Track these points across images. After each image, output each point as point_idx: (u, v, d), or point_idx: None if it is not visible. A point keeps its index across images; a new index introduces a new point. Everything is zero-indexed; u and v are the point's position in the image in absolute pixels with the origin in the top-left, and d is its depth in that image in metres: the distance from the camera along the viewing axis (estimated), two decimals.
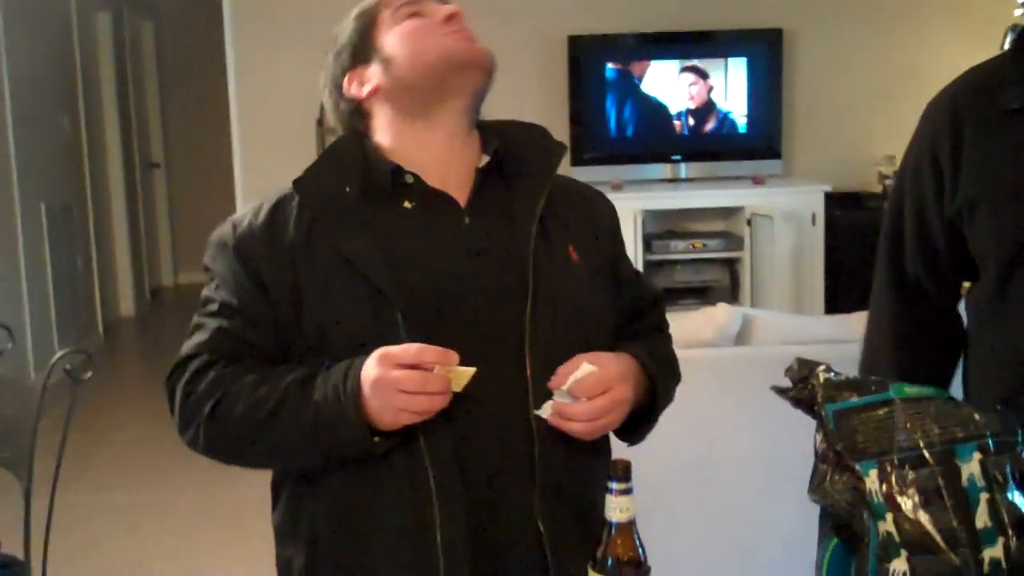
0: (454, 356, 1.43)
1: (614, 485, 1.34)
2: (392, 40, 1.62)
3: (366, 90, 1.63)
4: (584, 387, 1.49)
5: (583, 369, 1.49)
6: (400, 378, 1.41)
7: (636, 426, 1.64)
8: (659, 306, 1.82)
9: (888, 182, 5.90)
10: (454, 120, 1.62)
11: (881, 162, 5.97)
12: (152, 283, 9.20)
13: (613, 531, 1.36)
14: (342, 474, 1.53)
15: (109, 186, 8.18)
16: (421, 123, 1.62)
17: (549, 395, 1.52)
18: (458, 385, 1.44)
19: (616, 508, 1.35)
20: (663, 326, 1.82)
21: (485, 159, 1.64)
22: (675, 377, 1.75)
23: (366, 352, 1.46)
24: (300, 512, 1.59)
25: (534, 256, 1.55)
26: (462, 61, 1.61)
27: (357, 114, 1.67)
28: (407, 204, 1.59)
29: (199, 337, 1.58)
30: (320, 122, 5.91)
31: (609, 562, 1.36)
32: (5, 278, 6.00)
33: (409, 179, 1.58)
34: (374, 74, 1.63)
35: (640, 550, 1.36)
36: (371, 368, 1.43)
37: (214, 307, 1.59)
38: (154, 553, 4.23)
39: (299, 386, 1.49)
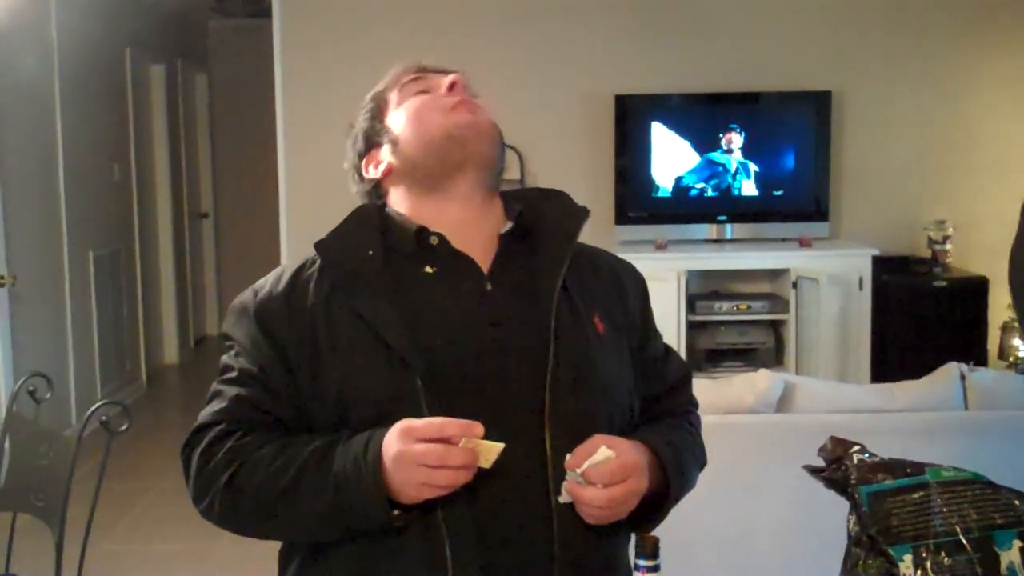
0: (478, 428, 1.40)
1: (642, 563, 1.32)
2: (398, 120, 1.67)
3: (380, 171, 1.68)
4: (602, 474, 1.45)
5: (601, 453, 1.45)
6: (423, 452, 1.38)
7: (645, 515, 1.59)
8: (687, 385, 1.79)
9: (937, 247, 5.84)
10: (468, 189, 1.62)
11: (930, 226, 5.90)
12: (197, 332, 9.26)
13: None
14: (357, 545, 1.50)
15: (157, 234, 8.27)
16: (436, 195, 1.62)
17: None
18: (487, 461, 1.41)
19: None
20: (691, 405, 1.79)
21: (508, 225, 1.63)
22: (698, 463, 1.71)
23: (386, 419, 1.44)
24: None
25: (556, 323, 1.53)
26: (463, 136, 1.61)
27: (375, 192, 1.71)
28: (428, 269, 1.58)
29: (217, 405, 1.57)
30: None
31: None
32: (51, 325, 6.07)
33: (434, 240, 1.58)
34: (385, 155, 1.67)
35: None
36: (393, 442, 1.41)
37: (233, 375, 1.57)
38: None
39: (318, 458, 1.46)
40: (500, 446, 1.41)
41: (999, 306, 5.74)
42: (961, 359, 3.18)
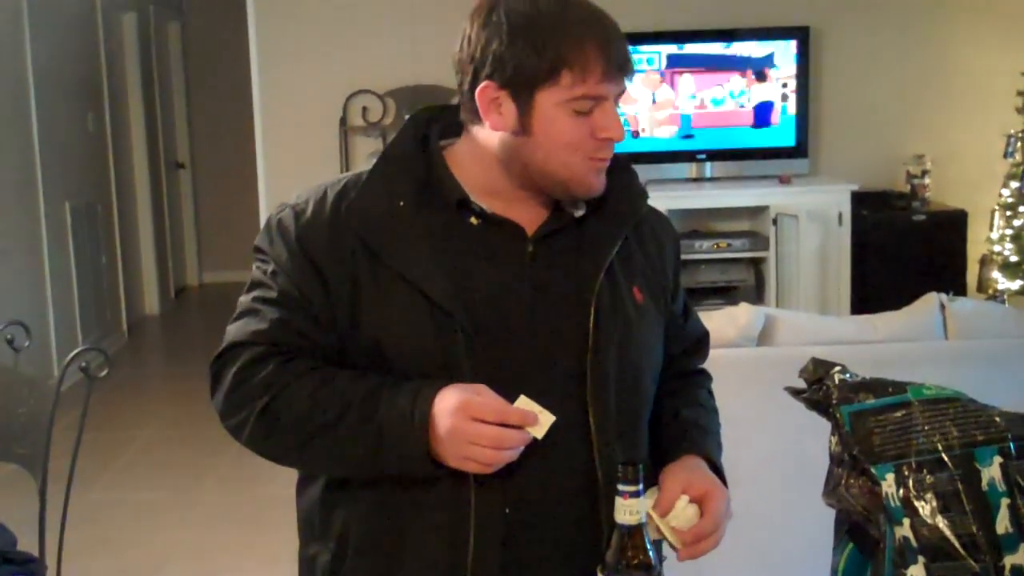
0: (532, 418, 1.40)
1: (623, 488, 1.32)
2: (545, 124, 1.47)
3: (491, 119, 1.50)
4: (699, 534, 1.46)
5: (685, 505, 1.47)
6: (479, 434, 1.38)
7: None
8: (704, 345, 1.80)
9: (916, 181, 5.84)
10: (545, 200, 1.57)
11: (909, 161, 5.91)
12: (177, 282, 9.22)
13: (623, 534, 1.33)
14: (383, 485, 1.50)
15: (134, 185, 8.21)
16: (515, 182, 1.54)
17: (610, 439, 1.51)
18: (539, 432, 1.41)
19: (625, 511, 1.32)
20: (704, 361, 1.81)
21: (581, 210, 1.58)
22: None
23: (424, 369, 1.44)
24: (332, 513, 1.56)
25: (597, 299, 1.51)
26: (578, 195, 1.54)
27: (469, 111, 1.53)
28: (474, 221, 1.54)
29: (256, 325, 1.52)
30: (343, 121, 5.90)
31: (619, 566, 1.33)
32: (29, 277, 6.03)
33: (476, 208, 1.53)
34: (508, 120, 1.49)
35: (651, 553, 1.33)
36: (446, 413, 1.39)
37: (272, 294, 1.52)
38: (174, 551, 4.23)
39: (362, 400, 1.44)
40: (552, 418, 1.40)
41: (978, 239, 5.76)
42: (940, 292, 3.18)
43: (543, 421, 1.40)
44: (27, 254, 6.02)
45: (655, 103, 5.88)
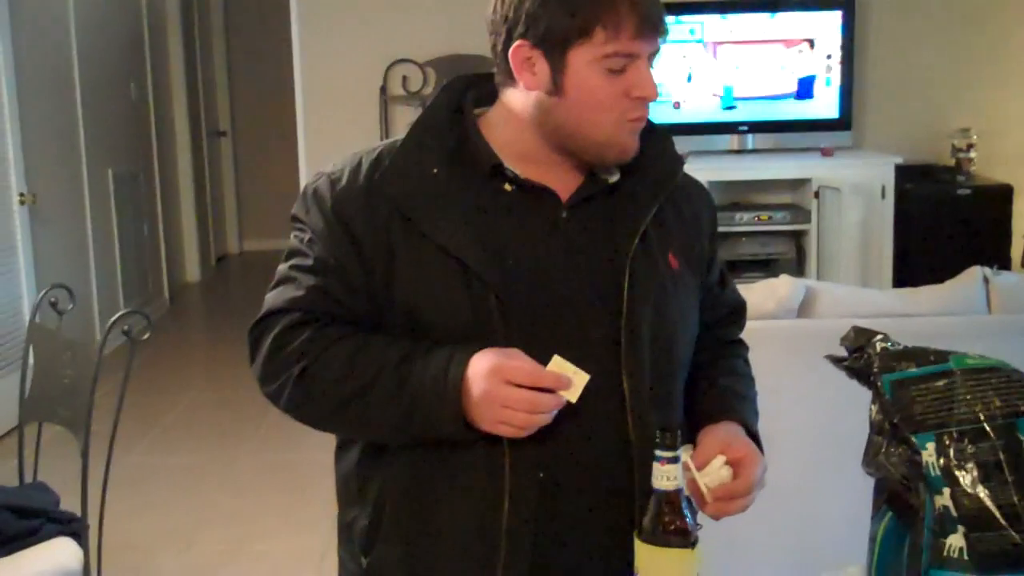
0: (565, 381, 1.40)
1: (660, 453, 1.31)
2: (578, 83, 1.47)
3: (525, 79, 1.50)
4: (730, 492, 1.47)
5: (720, 465, 1.47)
6: (513, 398, 1.38)
7: None
8: (740, 316, 1.80)
9: (961, 155, 5.77)
10: (578, 164, 1.56)
11: (954, 135, 5.82)
12: (218, 250, 9.29)
13: (660, 500, 1.33)
14: (418, 449, 1.51)
15: (176, 153, 8.26)
16: (549, 146, 1.54)
17: (645, 404, 1.51)
18: (573, 395, 1.41)
19: (663, 476, 1.32)
20: (741, 332, 1.81)
21: (615, 175, 1.57)
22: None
23: (459, 336, 1.45)
24: (369, 478, 1.58)
25: (631, 264, 1.51)
26: (612, 158, 1.54)
27: (503, 72, 1.54)
28: (507, 187, 1.53)
29: (291, 292, 1.53)
30: (383, 90, 5.90)
31: (655, 531, 1.33)
32: (73, 244, 6.09)
33: (509, 174, 1.53)
34: (542, 79, 1.49)
35: (688, 519, 1.33)
36: (480, 377, 1.40)
37: (308, 262, 1.53)
38: (213, 514, 4.27)
39: (395, 366, 1.45)
40: (586, 377, 1.40)
41: (1023, 214, 5.69)
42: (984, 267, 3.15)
43: (577, 382, 1.40)
44: (70, 220, 6.08)
45: (696, 74, 5.83)
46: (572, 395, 1.41)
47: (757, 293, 3.02)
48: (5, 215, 5.20)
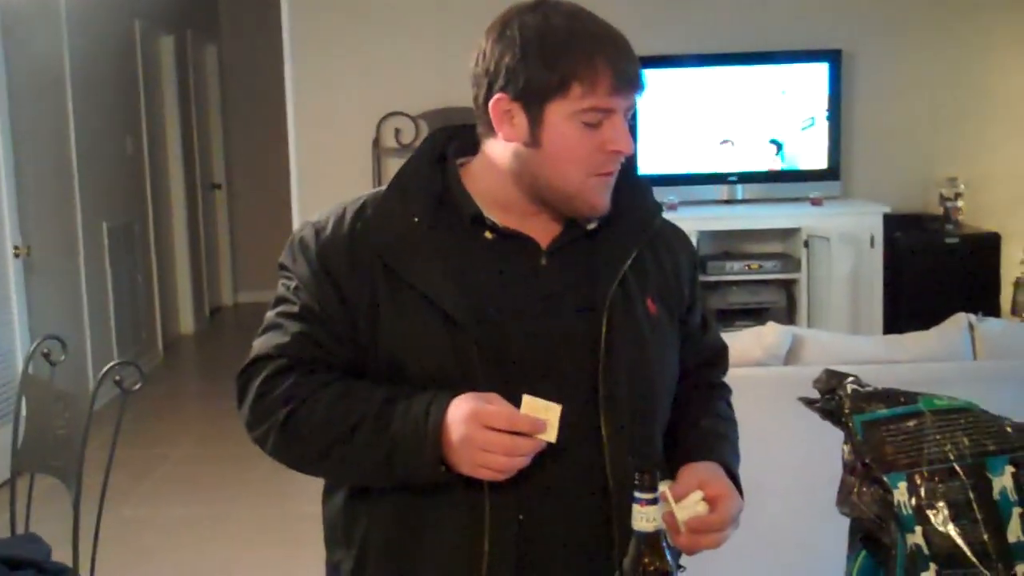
0: (541, 426, 1.42)
1: (640, 495, 1.33)
2: (554, 136, 1.50)
3: (504, 130, 1.53)
4: (705, 525, 1.48)
5: (697, 500, 1.48)
6: (491, 442, 1.41)
7: None
8: (722, 359, 1.82)
9: (949, 204, 5.82)
10: (554, 216, 1.59)
11: (942, 184, 5.88)
12: (212, 302, 9.30)
13: (640, 541, 1.34)
14: (402, 492, 1.53)
15: (171, 206, 8.30)
16: (527, 196, 1.57)
17: (623, 447, 1.53)
18: (551, 435, 1.43)
19: (642, 518, 1.33)
20: (724, 374, 1.83)
21: (593, 223, 1.60)
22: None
23: (440, 382, 1.47)
24: (355, 520, 1.60)
25: (609, 309, 1.54)
26: (582, 212, 1.57)
27: (484, 123, 1.57)
28: (488, 235, 1.57)
29: (278, 338, 1.57)
30: (376, 143, 5.95)
31: (636, 573, 1.34)
32: (67, 296, 6.11)
33: (489, 222, 1.57)
34: (520, 131, 1.52)
35: (669, 560, 1.35)
36: (459, 422, 1.42)
37: (294, 309, 1.57)
38: (204, 567, 4.26)
39: (378, 409, 1.48)
40: (558, 408, 1.42)
41: (1011, 262, 5.73)
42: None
43: (552, 419, 1.43)
44: (65, 272, 6.10)
45: (686, 124, 5.89)
46: (550, 435, 1.43)
47: (744, 340, 3.04)
48: None
